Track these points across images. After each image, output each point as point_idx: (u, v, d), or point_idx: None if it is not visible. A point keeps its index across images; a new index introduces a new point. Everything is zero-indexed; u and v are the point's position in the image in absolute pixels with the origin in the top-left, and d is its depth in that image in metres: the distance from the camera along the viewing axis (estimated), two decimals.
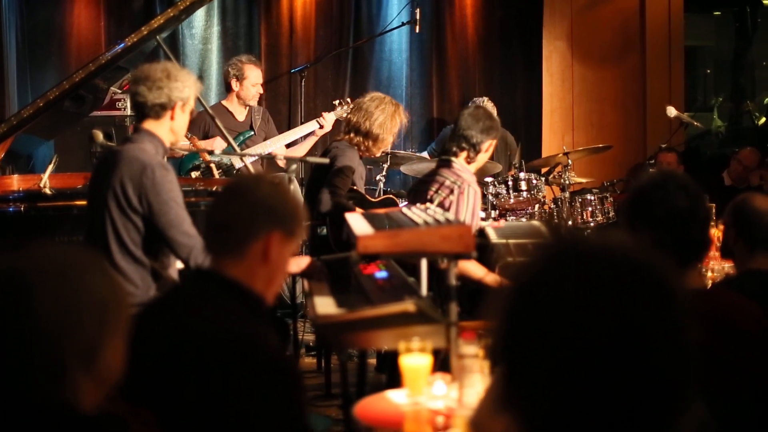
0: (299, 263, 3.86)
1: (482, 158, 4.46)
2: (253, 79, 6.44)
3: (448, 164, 4.41)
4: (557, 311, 1.14)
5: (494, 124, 4.45)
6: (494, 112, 7.13)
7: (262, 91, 6.60)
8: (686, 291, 1.20)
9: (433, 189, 4.37)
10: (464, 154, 4.40)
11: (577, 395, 1.12)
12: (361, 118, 4.98)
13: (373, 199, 5.05)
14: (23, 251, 1.64)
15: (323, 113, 6.44)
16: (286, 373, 2.09)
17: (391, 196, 5.28)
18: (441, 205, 4.23)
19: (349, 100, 6.54)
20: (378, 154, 5.13)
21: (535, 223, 5.30)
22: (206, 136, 6.21)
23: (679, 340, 1.16)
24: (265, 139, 6.40)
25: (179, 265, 3.63)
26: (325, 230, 4.63)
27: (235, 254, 2.30)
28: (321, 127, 6.36)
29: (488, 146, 4.43)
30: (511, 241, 3.97)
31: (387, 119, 4.95)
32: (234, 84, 6.45)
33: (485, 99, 7.33)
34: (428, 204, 3.99)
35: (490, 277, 3.99)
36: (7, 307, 1.57)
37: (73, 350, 1.57)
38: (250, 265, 2.30)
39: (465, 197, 4.28)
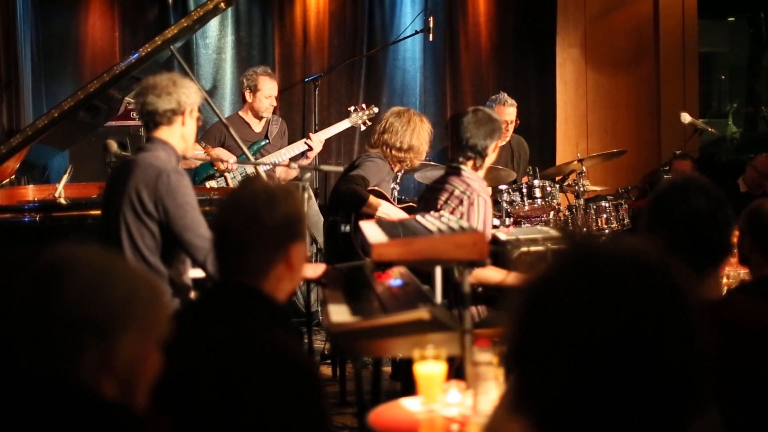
0: (316, 269, 3.86)
1: (489, 161, 4.38)
2: (266, 91, 6.40)
3: (457, 172, 4.29)
4: (570, 316, 1.13)
5: (496, 125, 4.32)
6: (513, 105, 6.83)
7: (275, 104, 6.56)
8: (700, 296, 1.19)
9: (443, 198, 4.24)
10: (471, 162, 4.28)
11: (591, 400, 1.12)
12: (394, 136, 4.97)
13: (397, 207, 5.05)
14: (67, 246, 1.66)
15: (309, 134, 6.39)
16: (309, 379, 2.09)
17: (412, 203, 5.24)
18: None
19: (364, 106, 6.52)
20: (417, 164, 5.16)
21: (546, 228, 5.26)
22: (222, 146, 6.20)
23: (693, 345, 1.15)
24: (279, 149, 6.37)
25: (192, 273, 3.64)
26: (347, 227, 4.62)
27: (260, 274, 2.30)
28: (310, 149, 6.25)
29: (493, 148, 4.33)
30: (521, 236, 3.95)
31: (420, 129, 5.01)
32: (248, 95, 6.43)
33: (503, 94, 6.99)
34: (441, 212, 3.98)
35: (511, 278, 3.92)
36: (37, 290, 1.59)
37: (90, 324, 1.58)
38: (275, 279, 2.31)
39: (476, 208, 4.14)
